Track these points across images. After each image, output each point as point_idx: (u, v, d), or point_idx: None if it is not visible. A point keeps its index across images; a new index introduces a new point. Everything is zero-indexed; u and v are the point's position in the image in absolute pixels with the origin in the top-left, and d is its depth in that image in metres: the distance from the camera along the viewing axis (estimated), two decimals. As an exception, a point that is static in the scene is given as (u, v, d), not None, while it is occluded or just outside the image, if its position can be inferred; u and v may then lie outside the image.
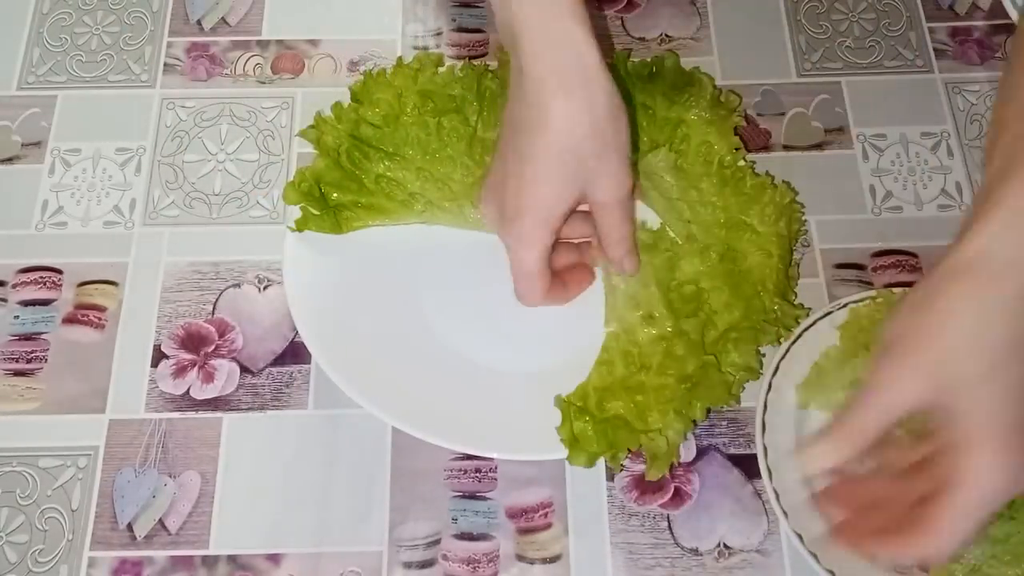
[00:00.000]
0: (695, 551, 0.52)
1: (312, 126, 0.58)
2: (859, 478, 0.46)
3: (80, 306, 0.58)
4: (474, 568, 0.52)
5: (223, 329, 0.57)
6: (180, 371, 0.56)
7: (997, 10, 0.66)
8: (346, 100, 0.59)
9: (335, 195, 0.57)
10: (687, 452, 0.54)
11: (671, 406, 0.51)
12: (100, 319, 0.58)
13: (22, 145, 0.63)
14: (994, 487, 0.40)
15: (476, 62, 0.63)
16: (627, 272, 0.54)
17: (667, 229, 0.58)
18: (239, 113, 0.64)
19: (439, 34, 0.67)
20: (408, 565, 0.52)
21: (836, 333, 0.54)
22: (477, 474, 0.54)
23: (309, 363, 0.56)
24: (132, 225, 0.60)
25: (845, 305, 0.55)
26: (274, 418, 0.55)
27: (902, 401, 0.41)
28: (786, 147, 0.63)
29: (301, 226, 0.56)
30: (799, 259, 0.59)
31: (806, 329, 0.54)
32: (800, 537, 0.50)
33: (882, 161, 0.63)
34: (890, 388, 0.41)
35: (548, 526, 0.53)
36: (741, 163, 0.58)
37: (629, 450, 0.51)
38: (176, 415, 0.55)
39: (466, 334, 0.56)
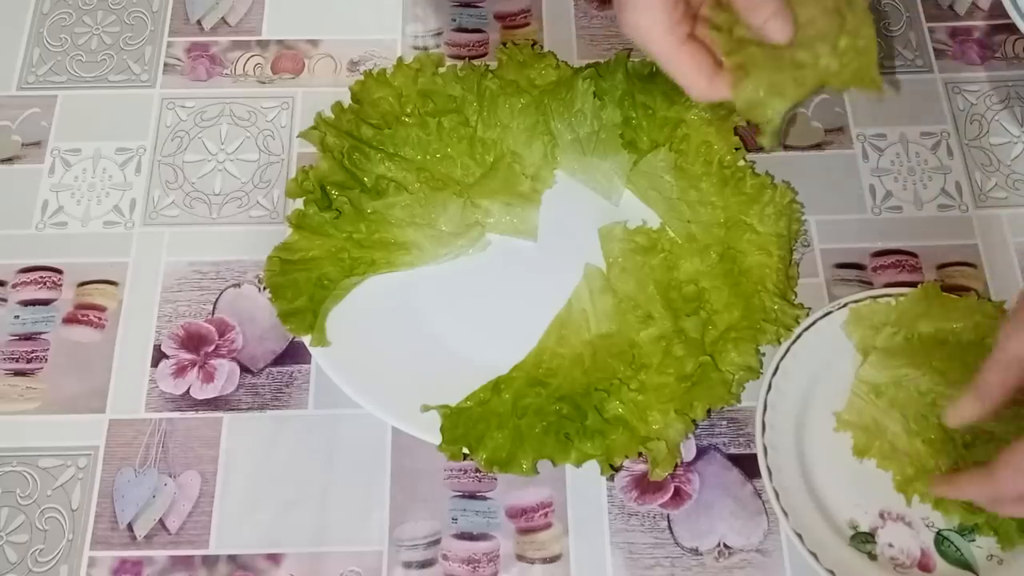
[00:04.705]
0: (695, 551, 0.52)
1: (313, 127, 0.58)
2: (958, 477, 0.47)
3: (80, 306, 0.58)
4: (474, 568, 0.52)
5: (223, 329, 0.57)
6: (180, 371, 0.56)
7: (997, 10, 0.66)
8: (346, 100, 0.59)
9: (336, 196, 0.57)
10: (687, 452, 0.54)
11: (672, 406, 0.51)
12: (100, 319, 0.58)
13: (22, 145, 0.63)
14: None
15: (476, 62, 0.63)
16: (777, 40, 0.42)
17: (667, 229, 0.58)
18: (239, 113, 0.64)
19: (439, 34, 0.67)
20: (408, 565, 0.52)
21: (852, 359, 0.54)
22: (477, 474, 0.54)
23: (309, 363, 0.56)
24: (132, 225, 0.60)
25: (845, 305, 0.55)
26: (274, 418, 0.55)
27: None
28: (786, 147, 0.63)
29: (300, 222, 0.55)
30: (799, 259, 0.59)
31: (806, 329, 0.55)
32: (800, 537, 0.50)
33: (882, 161, 0.63)
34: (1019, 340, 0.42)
35: (548, 526, 0.53)
36: (741, 163, 0.58)
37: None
38: (176, 415, 0.55)
39: (466, 334, 0.56)
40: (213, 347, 0.57)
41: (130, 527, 0.53)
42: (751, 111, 0.43)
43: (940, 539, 0.52)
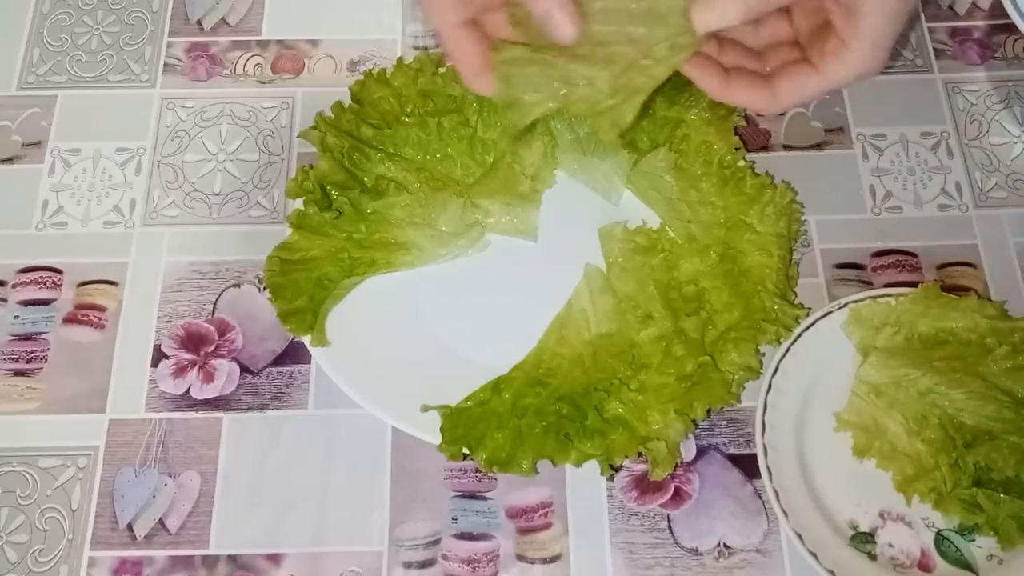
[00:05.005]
0: (695, 551, 0.52)
1: (313, 127, 0.58)
2: (732, 75, 0.45)
3: (80, 306, 0.58)
4: (474, 568, 0.52)
5: (223, 329, 0.57)
6: (180, 371, 0.56)
7: (997, 10, 0.66)
8: (346, 100, 0.59)
9: (336, 195, 0.57)
10: (687, 452, 0.54)
11: (672, 406, 0.51)
12: (100, 319, 0.58)
13: (22, 145, 0.63)
14: (857, 73, 0.42)
15: (476, 62, 0.63)
16: (559, 39, 0.40)
17: (667, 229, 0.58)
18: (239, 113, 0.64)
19: (439, 34, 0.67)
20: (408, 565, 0.52)
21: (852, 359, 0.54)
22: (477, 474, 0.54)
23: (309, 363, 0.56)
24: (132, 225, 0.60)
25: (845, 305, 0.55)
26: (274, 418, 0.55)
27: None
28: (786, 147, 0.63)
29: (300, 222, 0.55)
30: (799, 259, 0.59)
31: (806, 329, 0.55)
32: (800, 537, 0.50)
33: (882, 161, 0.63)
34: None
35: (548, 526, 0.53)
36: (741, 163, 0.58)
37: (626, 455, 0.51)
38: (176, 415, 0.55)
39: (466, 334, 0.56)
40: (213, 347, 0.57)
41: (130, 527, 0.53)
42: (507, 111, 0.42)
43: (940, 539, 0.52)
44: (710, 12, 0.39)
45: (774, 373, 0.54)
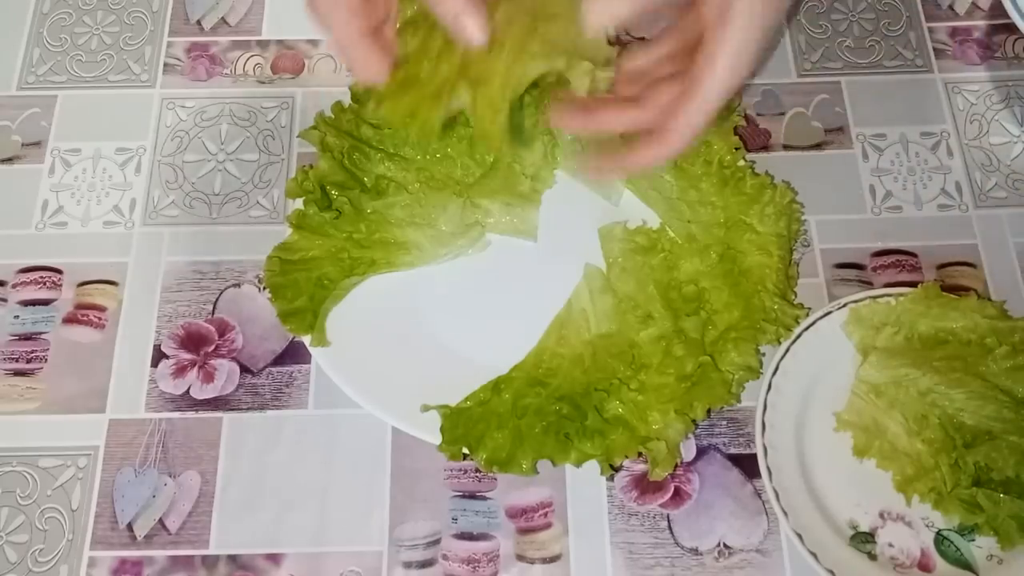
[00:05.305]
0: (695, 551, 0.52)
1: (313, 127, 0.58)
2: (594, 103, 0.45)
3: (80, 306, 0.58)
4: (474, 568, 0.52)
5: (223, 329, 0.57)
6: (180, 371, 0.56)
7: (997, 10, 0.66)
8: (346, 100, 0.59)
9: (336, 195, 0.57)
10: (687, 452, 0.54)
11: (672, 406, 0.51)
12: (100, 319, 0.58)
13: (22, 145, 0.63)
14: (728, 84, 0.42)
15: (476, 62, 0.63)
16: (472, 42, 0.41)
17: (667, 229, 0.58)
18: (239, 113, 0.64)
19: (439, 34, 0.67)
20: (408, 565, 0.52)
21: (852, 359, 0.54)
22: (477, 474, 0.54)
23: (309, 363, 0.56)
24: (132, 225, 0.60)
25: (845, 305, 0.55)
26: (274, 418, 0.55)
27: None
28: (786, 147, 0.63)
29: (300, 222, 0.55)
30: (799, 259, 0.59)
31: (806, 329, 0.55)
32: (800, 537, 0.50)
33: (882, 161, 0.63)
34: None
35: (548, 526, 0.53)
36: (741, 163, 0.58)
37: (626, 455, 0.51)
38: (176, 415, 0.55)
39: (466, 334, 0.56)
40: (213, 347, 0.57)
41: (130, 527, 0.53)
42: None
43: (940, 539, 0.52)
44: (601, 5, 0.40)
45: (774, 373, 0.54)
